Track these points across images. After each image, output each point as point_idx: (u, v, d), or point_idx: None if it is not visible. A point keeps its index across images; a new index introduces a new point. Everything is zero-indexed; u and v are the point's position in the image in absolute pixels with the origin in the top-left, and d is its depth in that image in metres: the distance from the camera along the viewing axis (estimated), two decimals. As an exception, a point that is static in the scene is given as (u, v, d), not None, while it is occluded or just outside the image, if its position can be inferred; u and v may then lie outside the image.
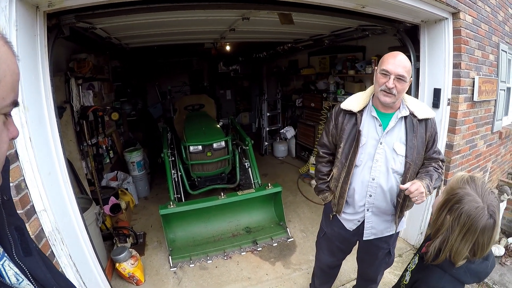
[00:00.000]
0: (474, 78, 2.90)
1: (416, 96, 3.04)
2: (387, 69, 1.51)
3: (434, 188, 1.58)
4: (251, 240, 3.35)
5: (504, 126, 4.19)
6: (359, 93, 1.79)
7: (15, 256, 0.72)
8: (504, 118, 4.36)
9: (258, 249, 3.24)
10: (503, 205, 3.35)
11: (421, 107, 1.65)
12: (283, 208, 3.62)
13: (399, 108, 1.65)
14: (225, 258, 3.12)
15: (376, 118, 1.66)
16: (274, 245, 3.32)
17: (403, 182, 1.63)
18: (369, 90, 1.72)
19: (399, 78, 1.50)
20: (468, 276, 1.15)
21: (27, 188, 1.46)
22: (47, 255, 1.57)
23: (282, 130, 6.69)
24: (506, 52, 3.61)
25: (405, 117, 1.64)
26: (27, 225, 1.45)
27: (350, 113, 1.72)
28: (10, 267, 0.70)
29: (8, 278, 0.69)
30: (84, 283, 1.82)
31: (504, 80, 3.66)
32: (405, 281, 1.39)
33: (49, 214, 1.55)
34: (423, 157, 1.68)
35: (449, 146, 2.91)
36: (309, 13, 2.48)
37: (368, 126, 1.67)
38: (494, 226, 1.06)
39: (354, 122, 1.70)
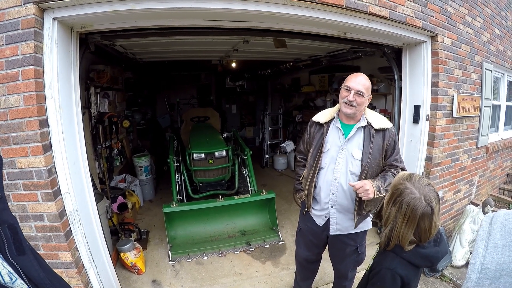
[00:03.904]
0: (453, 96, 3.15)
1: (399, 112, 3.34)
2: (349, 85, 1.87)
3: (387, 190, 1.84)
4: (245, 241, 3.61)
5: (492, 141, 4.33)
6: (329, 108, 2.15)
7: (8, 255, 0.73)
8: (493, 134, 4.54)
9: (251, 249, 3.50)
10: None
11: (378, 119, 1.96)
12: (276, 214, 3.89)
13: (359, 120, 1.97)
14: (220, 255, 3.38)
15: (339, 128, 2.00)
16: (266, 246, 3.57)
17: None
18: (337, 106, 2.06)
19: (358, 93, 1.84)
20: (418, 259, 1.37)
21: (56, 173, 1.80)
22: (65, 232, 1.89)
23: (283, 144, 6.98)
24: (491, 71, 3.80)
25: (364, 127, 1.96)
26: (53, 203, 1.78)
27: (319, 124, 2.07)
28: (4, 266, 0.70)
29: (2, 277, 0.69)
30: (93, 260, 2.12)
31: (488, 97, 3.82)
32: (368, 267, 1.64)
33: (72, 197, 1.88)
34: (380, 163, 1.96)
35: (429, 159, 3.16)
36: (298, 39, 2.84)
37: (333, 135, 2.01)
38: (432, 212, 1.30)
39: (322, 131, 2.04)
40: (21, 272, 0.73)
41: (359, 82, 1.86)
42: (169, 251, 3.34)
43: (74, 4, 1.73)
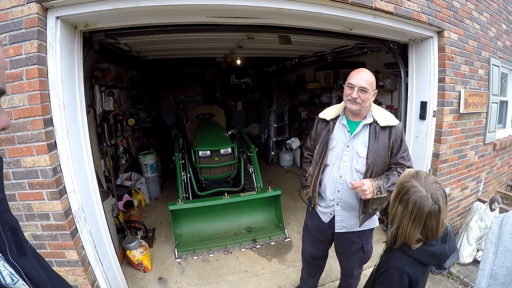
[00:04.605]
0: (460, 92, 3.10)
1: (406, 108, 3.30)
2: (352, 82, 1.84)
3: (389, 190, 1.81)
4: (251, 239, 3.61)
5: (499, 138, 4.27)
6: (335, 105, 2.12)
7: (9, 256, 0.73)
8: (501, 131, 4.46)
9: (257, 247, 3.50)
10: (495, 214, 3.47)
11: (384, 116, 1.92)
12: (282, 211, 3.88)
13: (365, 117, 1.94)
14: (226, 253, 3.39)
15: (345, 125, 1.97)
16: (272, 243, 3.57)
17: None
18: (343, 103, 2.03)
19: (362, 89, 1.81)
20: (426, 257, 1.34)
21: (61, 172, 1.81)
22: (71, 230, 1.90)
23: (288, 141, 6.96)
24: (498, 66, 3.72)
25: (370, 124, 1.92)
26: (58, 202, 1.79)
27: (326, 121, 2.05)
28: (5, 267, 0.70)
29: (3, 278, 0.69)
30: (100, 259, 2.13)
31: (496, 93, 3.75)
32: (375, 266, 1.62)
33: (77, 195, 1.89)
34: (386, 160, 1.93)
35: (436, 155, 3.11)
36: (303, 35, 2.81)
37: (339, 132, 1.99)
38: (439, 211, 1.28)
39: (328, 128, 2.03)
40: (22, 273, 0.74)
41: (361, 78, 1.83)
42: (175, 249, 3.36)
43: (77, 3, 1.73)
